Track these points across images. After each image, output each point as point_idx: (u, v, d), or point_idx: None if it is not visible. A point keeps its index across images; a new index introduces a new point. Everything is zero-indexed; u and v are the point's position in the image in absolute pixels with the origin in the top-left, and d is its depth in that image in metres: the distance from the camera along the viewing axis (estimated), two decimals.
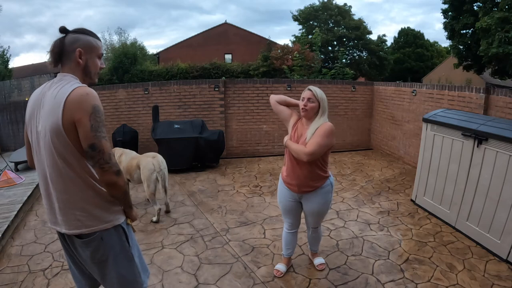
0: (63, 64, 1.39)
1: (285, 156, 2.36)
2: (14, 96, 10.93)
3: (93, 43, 1.43)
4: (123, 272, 1.50)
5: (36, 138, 1.36)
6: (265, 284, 2.45)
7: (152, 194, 3.47)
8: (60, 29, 1.40)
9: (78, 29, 1.43)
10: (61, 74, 1.38)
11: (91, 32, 1.45)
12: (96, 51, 1.45)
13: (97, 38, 1.46)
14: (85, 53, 1.40)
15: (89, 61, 1.42)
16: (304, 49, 12.95)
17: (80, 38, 1.40)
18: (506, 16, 12.37)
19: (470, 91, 4.27)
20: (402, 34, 32.67)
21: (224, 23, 25.42)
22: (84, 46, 1.40)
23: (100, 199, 1.40)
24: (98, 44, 1.46)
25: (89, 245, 1.41)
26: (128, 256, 1.52)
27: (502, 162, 2.69)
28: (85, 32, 1.43)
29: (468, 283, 2.42)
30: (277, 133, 6.38)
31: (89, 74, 1.44)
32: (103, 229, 1.41)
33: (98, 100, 1.32)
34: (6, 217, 3.33)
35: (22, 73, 19.23)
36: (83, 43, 1.40)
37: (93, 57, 1.44)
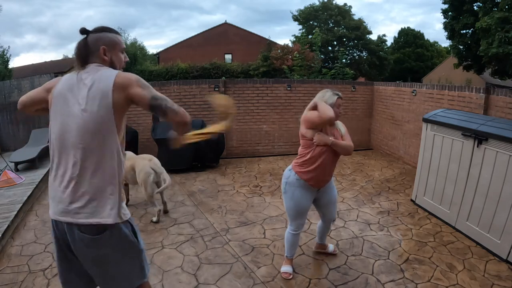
0: (89, 64, 1.42)
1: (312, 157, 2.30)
2: (14, 96, 10.91)
3: (114, 39, 1.48)
4: (130, 268, 1.49)
5: (64, 124, 1.35)
6: (265, 284, 2.45)
7: (150, 197, 3.45)
8: (80, 30, 1.44)
9: (98, 28, 1.47)
10: (95, 64, 1.42)
11: (111, 29, 1.50)
12: (118, 46, 1.50)
13: (117, 34, 1.51)
14: (109, 50, 1.45)
15: (114, 57, 1.48)
16: (304, 49, 12.96)
17: (102, 36, 1.45)
18: (506, 16, 12.37)
19: (470, 91, 4.27)
20: (402, 34, 32.67)
21: (224, 23, 25.43)
22: (107, 43, 1.45)
23: (119, 192, 1.41)
24: (119, 39, 1.51)
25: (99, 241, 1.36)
26: (137, 251, 1.50)
27: (502, 162, 2.69)
28: (105, 29, 1.47)
29: (468, 283, 2.42)
30: (277, 133, 6.38)
31: (115, 68, 1.48)
32: (114, 223, 1.37)
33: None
34: (6, 217, 3.33)
35: (22, 73, 19.22)
36: (105, 40, 1.45)
37: (116, 52, 1.49)
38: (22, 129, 6.16)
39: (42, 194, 4.39)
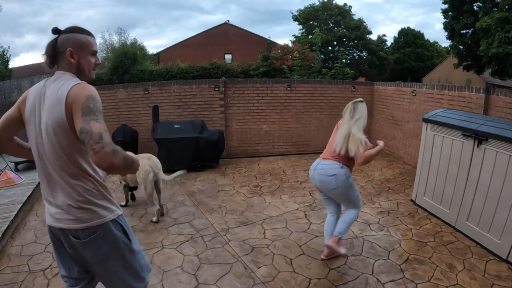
0: (58, 65, 1.41)
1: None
2: (14, 96, 10.89)
3: (83, 40, 1.41)
4: (124, 269, 1.49)
5: (39, 132, 1.36)
6: (265, 284, 2.45)
7: (150, 196, 3.45)
8: (52, 30, 1.40)
9: (70, 28, 1.42)
10: (59, 72, 1.39)
11: (83, 30, 1.44)
12: (87, 49, 1.43)
13: (88, 35, 1.44)
14: (76, 52, 1.40)
15: (81, 59, 1.42)
16: (304, 49, 12.96)
17: (70, 37, 1.39)
18: (506, 16, 12.37)
19: (470, 91, 4.27)
20: (402, 34, 32.69)
21: (224, 23, 25.45)
22: (75, 45, 1.39)
23: (99, 193, 1.40)
24: (90, 41, 1.44)
25: (89, 245, 1.39)
26: (130, 251, 1.50)
27: (502, 162, 2.69)
28: (76, 30, 1.41)
29: (468, 283, 2.42)
30: (277, 133, 6.38)
31: (83, 71, 1.44)
32: (101, 223, 1.39)
33: (94, 91, 1.31)
34: (6, 217, 3.32)
35: (22, 73, 19.22)
36: (73, 42, 1.39)
37: (85, 55, 1.42)
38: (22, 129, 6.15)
39: None
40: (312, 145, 6.54)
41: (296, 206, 3.90)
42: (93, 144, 1.19)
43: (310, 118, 6.46)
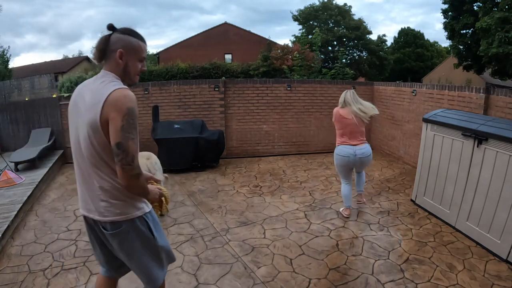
0: (106, 62, 1.44)
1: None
2: (14, 96, 10.93)
3: (135, 45, 1.44)
4: (147, 261, 1.58)
5: (77, 127, 1.43)
6: (265, 284, 2.45)
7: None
8: (107, 26, 1.43)
9: (125, 29, 1.45)
10: (104, 71, 1.44)
11: (137, 34, 1.46)
12: (137, 54, 1.46)
13: (141, 40, 1.47)
14: (126, 54, 1.43)
15: (129, 62, 1.45)
16: (304, 49, 12.96)
17: (124, 38, 1.42)
18: (506, 16, 12.38)
19: (470, 91, 4.27)
20: (402, 34, 32.69)
21: (224, 23, 25.44)
22: (126, 47, 1.42)
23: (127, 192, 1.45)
24: (141, 46, 1.47)
25: (115, 237, 1.49)
26: (154, 246, 1.58)
27: (502, 162, 2.69)
28: (130, 33, 1.44)
29: (468, 283, 2.42)
30: (277, 133, 6.38)
31: (129, 75, 1.47)
32: (127, 219, 1.47)
33: (135, 103, 1.36)
34: (6, 217, 3.32)
35: (22, 73, 19.23)
36: (125, 44, 1.42)
37: (133, 59, 1.45)
38: (22, 129, 6.15)
39: (42, 194, 4.39)
40: (312, 145, 6.54)
41: (296, 206, 3.90)
42: (124, 163, 1.31)
43: (310, 118, 6.46)
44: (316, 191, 4.41)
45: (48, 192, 4.48)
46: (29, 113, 6.11)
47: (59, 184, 4.83)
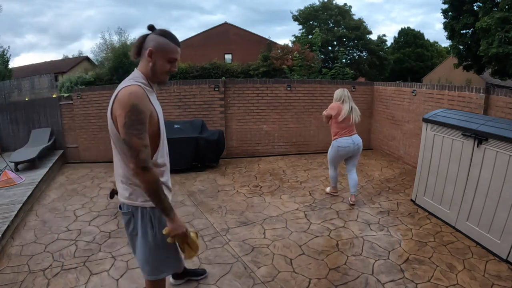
0: (140, 58, 1.56)
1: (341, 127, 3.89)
2: (14, 96, 10.92)
3: (165, 45, 1.51)
4: (144, 254, 1.67)
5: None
6: (265, 284, 2.45)
7: None
8: (148, 26, 1.55)
9: (161, 31, 1.54)
10: (136, 69, 1.58)
11: (171, 36, 1.54)
12: (166, 54, 1.52)
13: (173, 42, 1.53)
14: (155, 53, 1.51)
15: (158, 62, 1.52)
16: (304, 49, 12.96)
17: (156, 39, 1.51)
18: (506, 16, 12.37)
19: (470, 91, 4.27)
20: (402, 34, 32.70)
21: (224, 23, 25.44)
22: (156, 47, 1.50)
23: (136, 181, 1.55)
24: (171, 48, 1.53)
25: (123, 217, 1.68)
26: (149, 242, 1.64)
27: (502, 162, 2.69)
28: (164, 34, 1.53)
29: (468, 283, 2.42)
30: (277, 133, 6.38)
31: (156, 73, 1.55)
32: (133, 205, 1.60)
33: (140, 100, 1.43)
34: (6, 217, 3.32)
35: (22, 73, 19.23)
36: (156, 43, 1.50)
37: (162, 59, 1.52)
38: (22, 129, 6.15)
39: (42, 194, 4.39)
40: (312, 145, 6.53)
41: (296, 206, 3.90)
42: (130, 158, 1.42)
43: (310, 118, 6.45)
44: (316, 191, 4.41)
45: (48, 192, 4.48)
46: (29, 113, 6.11)
47: (59, 184, 4.83)
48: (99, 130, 6.01)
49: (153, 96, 1.59)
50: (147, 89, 1.54)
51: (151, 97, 1.54)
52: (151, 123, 1.50)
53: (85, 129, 6.04)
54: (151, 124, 1.51)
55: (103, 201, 4.10)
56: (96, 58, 24.89)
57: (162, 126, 1.62)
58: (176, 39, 1.56)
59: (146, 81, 1.55)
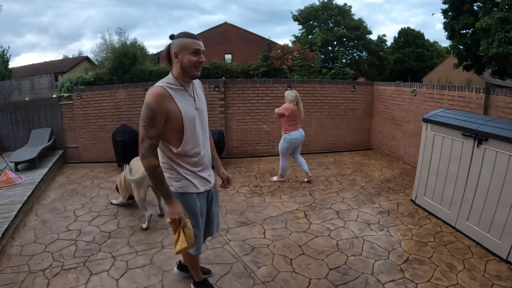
0: (172, 65, 1.79)
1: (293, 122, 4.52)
2: (14, 96, 10.92)
3: (183, 43, 1.71)
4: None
5: None
6: (265, 284, 2.45)
7: (142, 200, 3.33)
8: (169, 36, 1.77)
9: (179, 34, 1.75)
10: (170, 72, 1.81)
11: (186, 34, 1.74)
12: (187, 48, 1.71)
13: (189, 37, 1.72)
14: (179, 53, 1.72)
15: (183, 58, 1.72)
16: (304, 49, 12.96)
17: (176, 42, 1.72)
18: (506, 16, 12.37)
19: (470, 91, 4.27)
20: (402, 34, 32.69)
21: (224, 23, 25.46)
22: (178, 48, 1.72)
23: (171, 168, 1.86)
24: (188, 42, 1.71)
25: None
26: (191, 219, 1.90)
27: (502, 162, 2.69)
28: (181, 35, 1.73)
29: (468, 283, 2.42)
30: (277, 133, 6.37)
31: (185, 69, 1.74)
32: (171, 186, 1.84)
33: (154, 99, 1.66)
34: (6, 217, 3.32)
35: (22, 73, 19.24)
36: (177, 45, 1.72)
37: (186, 54, 1.71)
38: (22, 129, 6.15)
39: (42, 194, 4.39)
40: (312, 145, 6.53)
41: (296, 206, 3.90)
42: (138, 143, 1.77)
43: (310, 118, 6.45)
44: (316, 191, 4.41)
45: (48, 192, 4.48)
46: (29, 113, 6.11)
47: (59, 184, 4.83)
48: (99, 130, 6.01)
49: (182, 94, 1.78)
50: (174, 87, 1.75)
51: (176, 96, 1.73)
52: (171, 119, 1.72)
53: (85, 129, 6.04)
54: (172, 120, 1.72)
55: (103, 201, 4.10)
56: (96, 58, 24.91)
57: (189, 120, 1.78)
58: (192, 34, 1.74)
59: (175, 81, 1.77)
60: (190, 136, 1.81)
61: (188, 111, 1.78)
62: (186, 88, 1.82)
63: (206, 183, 1.97)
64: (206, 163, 1.95)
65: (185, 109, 1.76)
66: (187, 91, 1.82)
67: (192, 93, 1.86)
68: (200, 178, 1.92)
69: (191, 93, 1.86)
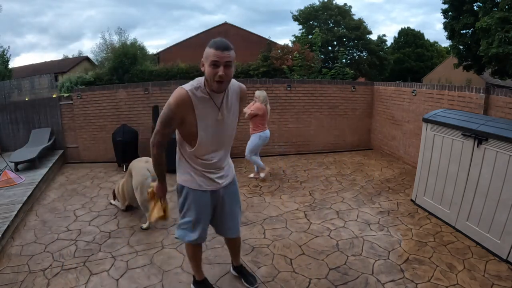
0: None
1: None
2: (14, 96, 10.91)
3: (206, 52, 1.66)
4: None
5: None
6: (265, 284, 2.45)
7: (145, 201, 3.29)
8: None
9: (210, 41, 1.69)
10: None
11: (212, 42, 1.66)
12: (207, 59, 1.65)
13: (211, 47, 1.64)
14: (204, 62, 1.68)
15: (206, 69, 1.68)
16: (304, 49, 12.96)
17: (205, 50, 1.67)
18: (506, 16, 12.37)
19: (470, 91, 4.27)
20: (402, 34, 32.69)
21: (224, 23, 25.47)
22: (204, 56, 1.68)
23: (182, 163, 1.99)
24: (209, 52, 1.64)
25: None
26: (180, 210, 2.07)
27: (502, 162, 2.69)
28: (209, 43, 1.67)
29: (468, 283, 2.42)
30: (277, 133, 6.38)
31: (207, 80, 1.71)
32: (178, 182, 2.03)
33: (174, 101, 1.72)
34: (6, 217, 3.32)
35: (22, 73, 19.23)
36: (204, 54, 1.68)
37: (206, 64, 1.67)
38: (22, 129, 6.15)
39: (42, 194, 4.39)
40: (312, 145, 6.54)
41: (296, 206, 3.90)
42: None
43: (310, 118, 6.46)
44: (316, 191, 4.41)
45: (48, 192, 4.48)
46: (29, 113, 6.11)
47: (59, 184, 4.83)
48: (99, 130, 6.02)
49: (205, 103, 1.76)
50: (199, 94, 1.73)
51: (198, 104, 1.73)
52: (186, 124, 1.78)
53: (85, 129, 6.04)
54: (187, 125, 1.78)
55: (103, 201, 4.10)
56: (96, 58, 24.91)
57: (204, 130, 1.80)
58: (218, 43, 1.63)
59: (203, 88, 1.75)
60: (203, 144, 1.84)
61: (206, 121, 1.78)
62: (213, 97, 1.77)
63: (213, 183, 2.00)
64: (218, 167, 2.00)
65: (203, 118, 1.77)
66: (212, 100, 1.78)
67: (220, 104, 1.81)
68: (206, 177, 1.97)
69: (218, 103, 1.80)
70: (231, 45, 1.68)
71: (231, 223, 2.19)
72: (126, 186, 3.55)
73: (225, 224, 2.18)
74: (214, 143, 1.89)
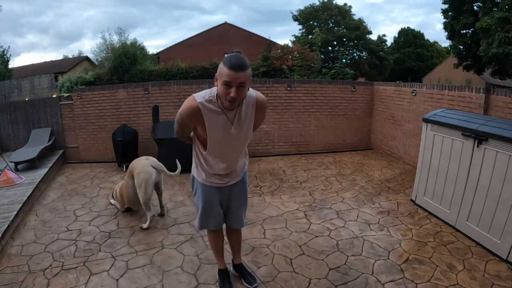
0: None
1: None
2: (14, 96, 10.90)
3: (219, 70, 1.63)
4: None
5: None
6: (265, 284, 2.45)
7: (148, 199, 3.31)
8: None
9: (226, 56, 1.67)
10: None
11: (227, 59, 1.59)
12: (220, 77, 1.62)
13: (225, 65, 1.58)
14: (217, 78, 1.65)
15: (218, 86, 1.65)
16: (304, 49, 12.97)
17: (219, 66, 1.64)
18: (506, 16, 12.38)
19: (470, 91, 4.27)
20: (402, 34, 32.70)
21: (224, 23, 25.47)
22: (217, 73, 1.65)
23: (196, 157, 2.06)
24: (222, 71, 1.59)
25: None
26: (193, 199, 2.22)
27: (502, 162, 2.69)
28: (224, 59, 1.63)
29: (468, 283, 2.42)
30: (277, 133, 6.38)
31: (220, 97, 1.70)
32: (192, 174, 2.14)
33: (185, 111, 1.76)
34: (6, 217, 3.32)
35: (22, 73, 19.24)
36: (218, 69, 1.65)
37: (219, 82, 1.64)
38: (22, 129, 6.15)
39: (42, 194, 4.39)
40: (312, 145, 6.54)
41: (296, 206, 3.90)
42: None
43: (310, 118, 6.46)
44: (316, 191, 4.41)
45: (48, 192, 4.48)
46: (29, 113, 6.11)
47: (59, 184, 4.83)
48: (99, 130, 6.02)
49: (217, 117, 1.75)
50: (210, 107, 1.73)
51: (209, 117, 1.74)
52: (198, 131, 1.86)
53: (85, 129, 6.04)
54: (199, 132, 1.86)
55: (103, 201, 4.10)
56: (96, 58, 24.95)
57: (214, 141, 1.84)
58: (233, 61, 1.55)
59: (216, 102, 1.73)
60: (213, 152, 1.92)
61: (217, 133, 1.80)
62: (226, 111, 1.74)
63: (218, 182, 2.07)
64: (226, 171, 2.04)
65: (214, 130, 1.79)
66: (225, 114, 1.75)
67: (233, 117, 1.78)
68: (212, 176, 2.05)
69: (231, 117, 1.78)
70: (246, 63, 1.59)
71: (239, 216, 2.29)
72: (125, 189, 3.52)
73: (231, 216, 2.27)
74: (225, 152, 1.94)
